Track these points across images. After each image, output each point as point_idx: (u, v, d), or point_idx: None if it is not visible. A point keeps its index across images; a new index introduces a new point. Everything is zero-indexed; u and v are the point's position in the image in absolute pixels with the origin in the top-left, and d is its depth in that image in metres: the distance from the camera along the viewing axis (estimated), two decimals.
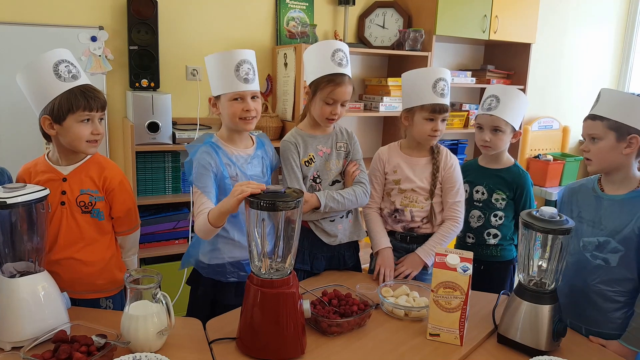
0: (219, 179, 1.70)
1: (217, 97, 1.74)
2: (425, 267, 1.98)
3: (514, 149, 3.79)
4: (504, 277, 2.13)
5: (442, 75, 1.91)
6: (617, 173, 1.62)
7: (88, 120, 1.58)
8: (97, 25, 2.75)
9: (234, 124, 1.73)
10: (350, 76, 1.89)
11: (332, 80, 1.83)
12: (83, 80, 1.60)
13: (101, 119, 1.63)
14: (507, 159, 2.11)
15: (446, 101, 1.92)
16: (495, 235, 2.08)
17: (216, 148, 1.73)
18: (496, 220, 2.07)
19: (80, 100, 1.55)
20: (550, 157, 4.11)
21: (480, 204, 2.09)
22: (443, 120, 1.93)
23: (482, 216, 2.08)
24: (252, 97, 1.73)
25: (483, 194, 2.08)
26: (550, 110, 4.33)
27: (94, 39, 2.74)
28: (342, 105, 1.88)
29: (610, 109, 1.58)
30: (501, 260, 2.10)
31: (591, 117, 1.64)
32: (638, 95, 1.59)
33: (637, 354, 1.52)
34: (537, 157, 4.15)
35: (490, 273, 2.08)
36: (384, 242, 1.97)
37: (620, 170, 1.61)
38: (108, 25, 2.79)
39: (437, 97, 1.90)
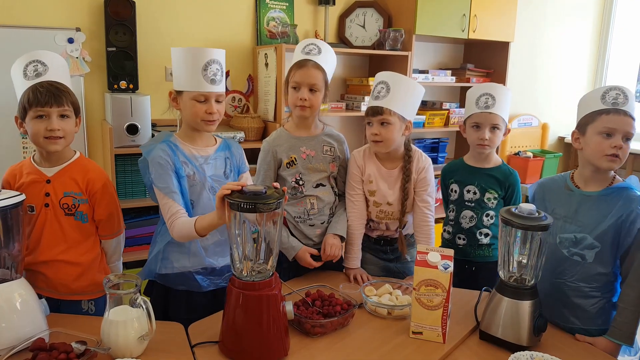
0: (177, 178, 1.63)
1: (179, 93, 1.66)
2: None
3: None
4: (495, 276, 2.11)
5: (381, 79, 1.87)
6: (597, 171, 1.62)
7: (44, 116, 1.55)
8: (74, 27, 2.71)
9: (195, 124, 1.67)
10: (322, 65, 1.87)
11: (296, 64, 1.86)
12: (48, 77, 1.57)
13: (63, 115, 1.58)
14: (496, 158, 2.08)
15: (382, 103, 1.83)
16: (486, 235, 2.04)
17: (173, 147, 1.66)
18: (488, 220, 2.03)
19: (31, 96, 1.53)
20: (530, 154, 4.16)
21: (473, 204, 2.04)
22: (382, 123, 1.84)
23: (475, 216, 2.03)
24: (217, 99, 1.67)
25: (475, 193, 2.03)
26: (530, 107, 4.38)
27: (70, 40, 2.70)
28: (312, 91, 1.84)
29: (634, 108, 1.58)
30: (492, 260, 2.05)
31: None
32: None
33: (621, 347, 1.54)
34: (517, 154, 4.19)
35: (482, 273, 2.05)
36: (355, 263, 1.95)
37: None
38: (85, 26, 2.75)
39: (372, 99, 1.88)
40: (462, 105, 3.83)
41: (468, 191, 2.05)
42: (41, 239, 1.61)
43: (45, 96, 1.53)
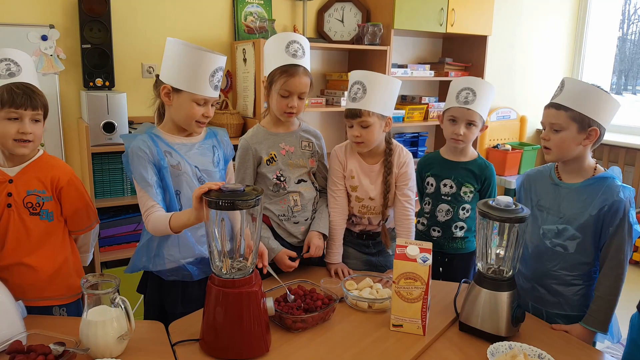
0: (158, 170, 1.61)
1: (177, 90, 1.62)
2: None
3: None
4: (468, 267, 2.14)
5: (356, 79, 1.85)
6: (574, 162, 1.65)
7: (16, 118, 1.51)
8: (48, 24, 2.66)
9: (186, 124, 1.66)
10: (308, 68, 1.85)
11: (286, 71, 1.80)
12: (22, 78, 1.53)
13: (35, 119, 1.55)
14: (472, 152, 2.09)
15: (359, 105, 1.82)
16: (462, 228, 2.07)
17: (155, 137, 1.64)
18: (464, 214, 2.05)
19: (5, 97, 1.49)
20: (508, 147, 4.21)
21: (449, 198, 2.05)
22: (363, 126, 1.84)
23: (451, 210, 2.05)
24: (212, 103, 1.67)
25: (451, 187, 2.04)
26: (508, 100, 4.43)
27: (44, 38, 2.65)
28: (300, 98, 1.83)
29: (574, 99, 1.57)
30: (465, 252, 2.11)
31: (555, 106, 1.61)
32: (598, 87, 1.58)
33: (595, 334, 1.58)
34: (496, 146, 4.24)
35: (455, 264, 2.10)
36: (336, 258, 1.95)
37: (577, 159, 1.64)
38: (59, 23, 2.70)
39: (349, 101, 1.87)
40: (441, 99, 3.86)
41: (444, 185, 2.06)
42: (5, 242, 1.57)
43: (22, 98, 1.50)
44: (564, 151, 1.62)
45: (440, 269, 2.15)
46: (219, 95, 3.17)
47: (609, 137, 4.31)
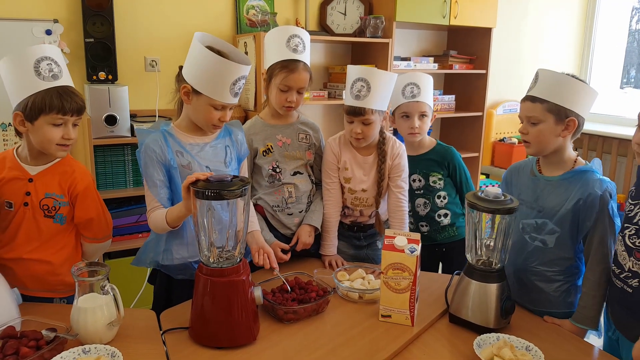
0: (167, 169, 1.62)
1: (196, 92, 1.59)
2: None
3: (478, 133, 3.85)
4: (464, 255, 2.15)
5: (359, 76, 1.82)
6: (554, 155, 1.62)
7: (61, 124, 1.52)
8: (52, 19, 2.70)
9: (203, 126, 1.66)
10: (308, 63, 1.85)
11: (286, 66, 1.80)
12: (64, 81, 1.53)
13: (75, 124, 1.57)
14: (430, 141, 2.15)
15: (364, 104, 1.80)
16: (445, 215, 2.11)
17: (167, 136, 1.64)
18: (441, 201, 2.11)
19: (55, 103, 1.49)
20: (515, 140, 4.18)
21: (422, 191, 2.12)
22: (365, 123, 1.83)
23: (427, 201, 2.11)
24: (230, 108, 1.65)
25: (420, 181, 2.11)
26: (514, 94, 4.39)
27: (48, 32, 2.69)
28: (299, 93, 1.84)
29: (549, 91, 1.56)
30: (459, 238, 2.11)
31: (530, 99, 1.59)
32: (573, 76, 1.57)
33: (586, 331, 1.56)
34: (502, 140, 4.21)
35: (452, 253, 2.12)
36: (331, 250, 1.96)
37: (557, 151, 1.61)
38: (63, 17, 2.74)
39: (352, 98, 1.84)
40: (445, 92, 3.84)
41: (414, 180, 2.12)
42: (16, 237, 1.59)
43: (71, 104, 1.51)
44: (543, 144, 1.59)
45: (440, 263, 2.16)
46: None
47: (621, 131, 4.21)
